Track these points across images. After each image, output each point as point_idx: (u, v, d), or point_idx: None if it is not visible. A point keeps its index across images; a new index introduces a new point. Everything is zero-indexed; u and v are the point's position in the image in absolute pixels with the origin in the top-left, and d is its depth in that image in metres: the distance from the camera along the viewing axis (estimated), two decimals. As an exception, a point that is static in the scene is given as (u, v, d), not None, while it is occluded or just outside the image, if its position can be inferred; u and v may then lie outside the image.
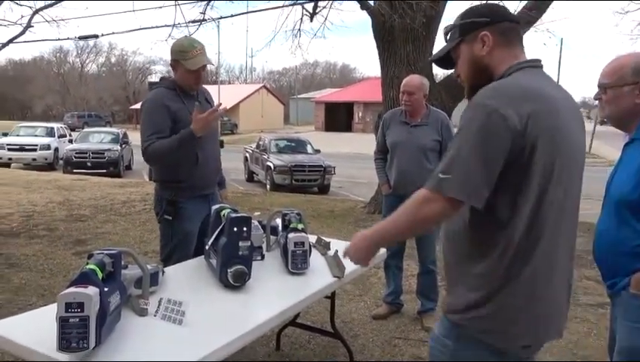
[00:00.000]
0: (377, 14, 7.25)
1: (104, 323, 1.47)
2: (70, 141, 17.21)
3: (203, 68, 2.75)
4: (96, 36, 10.93)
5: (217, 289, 2.08)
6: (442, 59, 1.56)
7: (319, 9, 8.34)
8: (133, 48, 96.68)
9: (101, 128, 22.25)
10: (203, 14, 8.74)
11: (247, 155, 15.07)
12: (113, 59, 62.39)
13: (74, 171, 13.91)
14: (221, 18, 9.69)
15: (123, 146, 15.47)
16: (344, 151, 23.51)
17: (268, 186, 12.57)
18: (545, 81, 1.39)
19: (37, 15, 8.53)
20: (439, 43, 7.85)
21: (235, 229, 2.06)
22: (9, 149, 15.71)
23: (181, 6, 8.50)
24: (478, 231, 1.33)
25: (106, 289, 1.51)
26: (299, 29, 8.62)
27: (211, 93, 3.12)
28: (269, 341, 3.19)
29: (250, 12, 17.22)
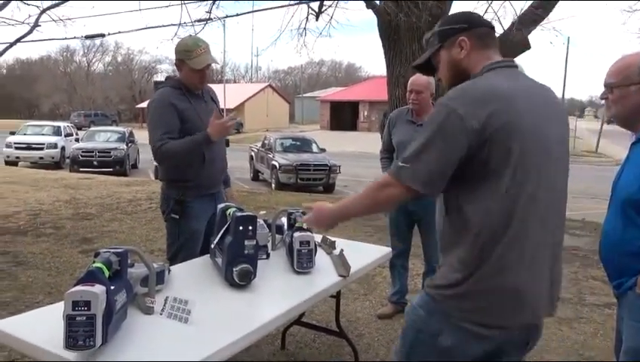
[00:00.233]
0: (383, 13, 7.23)
1: (111, 321, 1.47)
2: (77, 140, 17.29)
3: (208, 67, 2.74)
4: (102, 35, 10.97)
5: (223, 287, 2.09)
6: (424, 65, 1.67)
7: (325, 8, 8.33)
8: (139, 47, 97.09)
9: (107, 127, 22.37)
10: (209, 13, 8.76)
11: (252, 154, 15.09)
12: (119, 58, 62.73)
13: (80, 170, 14.00)
14: (227, 17, 9.72)
15: (129, 145, 15.55)
16: (349, 150, 23.51)
17: (273, 185, 12.58)
18: (512, 80, 1.45)
19: (44, 14, 8.57)
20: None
21: (241, 228, 2.06)
22: (16, 148, 15.83)
23: (187, 5, 8.53)
24: (455, 220, 1.45)
25: (113, 287, 1.52)
26: (304, 28, 8.61)
27: (217, 92, 3.12)
28: (274, 339, 3.20)
29: (255, 11, 17.24)
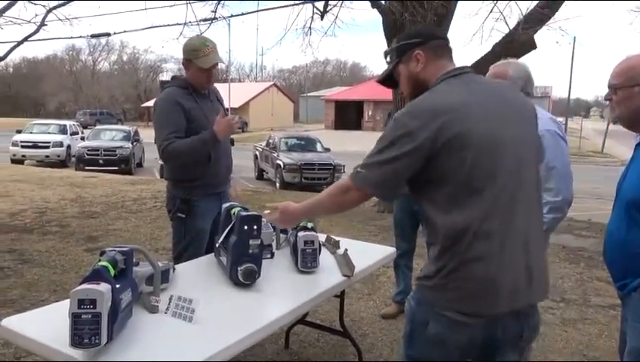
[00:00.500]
0: (388, 12, 7.23)
1: (116, 319, 1.48)
2: (82, 138, 17.36)
3: (214, 66, 2.75)
4: (108, 34, 11.02)
5: (227, 287, 2.09)
6: (386, 80, 1.76)
7: (330, 7, 8.35)
8: (144, 46, 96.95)
9: (113, 126, 22.42)
10: (214, 13, 8.78)
11: (257, 153, 15.12)
12: (125, 57, 62.91)
13: (86, 168, 14.04)
14: (232, 16, 9.72)
15: (134, 144, 15.59)
16: (354, 149, 23.44)
17: (277, 184, 12.60)
18: (464, 88, 1.54)
19: (50, 14, 8.62)
20: (450, 41, 7.78)
21: (246, 227, 2.07)
22: (22, 146, 15.92)
23: (192, 4, 8.54)
24: (425, 222, 1.59)
25: (118, 286, 1.52)
26: (309, 27, 8.62)
27: (222, 91, 3.13)
28: (278, 339, 3.20)
29: (260, 10, 17.12)
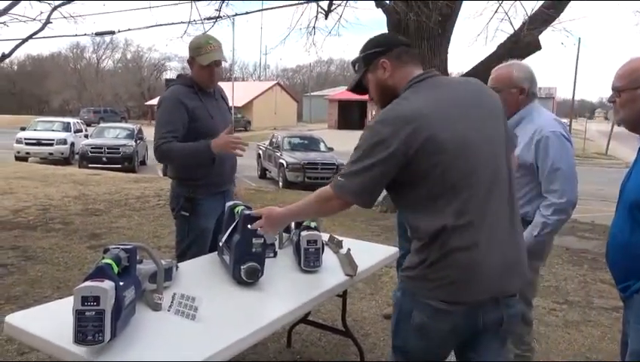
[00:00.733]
0: (392, 12, 7.22)
1: (119, 316, 1.49)
2: (86, 136, 17.42)
3: (217, 64, 2.73)
4: (112, 32, 11.04)
5: (230, 285, 2.10)
6: (357, 88, 1.80)
7: (334, 6, 8.33)
8: (148, 45, 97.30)
9: (116, 124, 22.49)
10: (218, 11, 8.79)
11: (260, 152, 15.13)
12: (129, 55, 62.94)
13: (89, 166, 14.09)
14: (236, 15, 9.71)
15: (138, 142, 15.63)
16: (357, 149, 23.41)
17: (280, 183, 12.60)
18: (431, 93, 1.59)
19: (55, 11, 8.64)
20: (454, 41, 7.80)
21: (249, 226, 2.07)
22: (27, 143, 15.98)
23: (197, 3, 8.55)
24: (408, 221, 1.66)
25: (122, 283, 1.53)
26: (313, 27, 8.61)
27: (225, 90, 3.13)
28: (280, 337, 3.21)
29: (265, 9, 17.30)
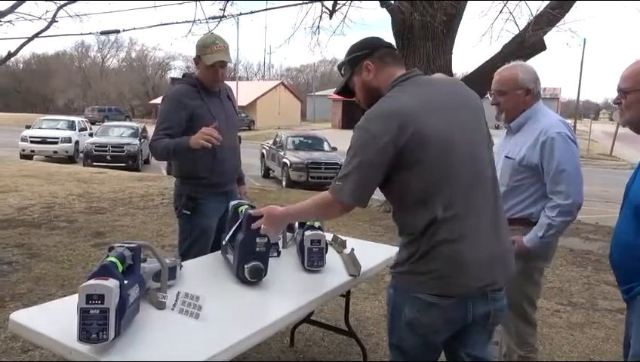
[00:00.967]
0: (397, 12, 7.21)
1: (123, 315, 1.49)
2: (90, 134, 17.43)
3: (222, 65, 2.74)
4: (117, 31, 11.03)
5: (234, 284, 2.10)
6: (344, 91, 1.86)
7: (339, 6, 8.33)
8: (153, 44, 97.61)
9: (121, 122, 22.55)
10: (223, 11, 8.79)
11: (263, 152, 15.13)
12: (134, 54, 63.19)
13: (94, 164, 14.12)
14: (240, 15, 9.68)
15: (142, 141, 15.63)
16: (361, 149, 23.40)
17: (284, 183, 12.60)
18: (414, 91, 1.64)
19: (60, 10, 8.65)
20: (459, 41, 7.78)
21: (253, 225, 2.07)
22: (32, 142, 16.02)
23: (201, 2, 8.56)
24: (395, 216, 1.72)
25: (126, 281, 1.53)
26: (318, 27, 8.61)
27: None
28: (283, 337, 3.21)
29: (269, 9, 17.28)
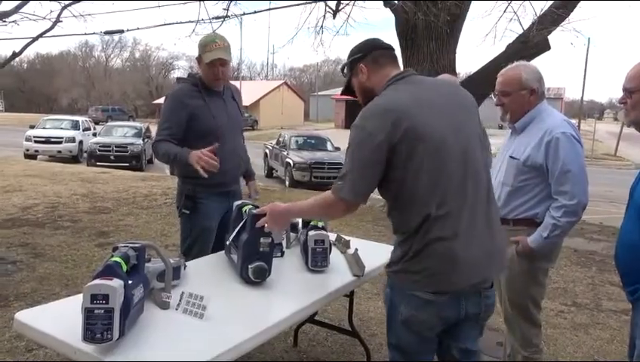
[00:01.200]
0: (401, 12, 7.19)
1: (128, 315, 1.49)
2: (94, 134, 17.47)
3: (222, 64, 2.71)
4: (121, 31, 11.06)
5: (238, 284, 2.10)
6: (348, 91, 1.93)
7: (342, 6, 8.31)
8: (157, 44, 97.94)
9: (124, 122, 22.59)
10: (226, 10, 8.79)
11: (267, 151, 15.14)
12: (137, 54, 63.34)
13: (97, 164, 14.14)
14: (244, 14, 9.66)
15: (145, 140, 15.65)
16: (364, 149, 23.37)
17: (287, 183, 12.59)
18: (408, 89, 1.68)
19: (65, 10, 8.67)
20: (462, 41, 7.76)
21: (257, 225, 2.07)
22: (35, 141, 16.06)
23: (205, 2, 8.56)
24: (390, 214, 1.74)
25: (130, 281, 1.53)
26: (321, 26, 8.58)
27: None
28: (287, 337, 3.21)
29: (273, 9, 17.19)
